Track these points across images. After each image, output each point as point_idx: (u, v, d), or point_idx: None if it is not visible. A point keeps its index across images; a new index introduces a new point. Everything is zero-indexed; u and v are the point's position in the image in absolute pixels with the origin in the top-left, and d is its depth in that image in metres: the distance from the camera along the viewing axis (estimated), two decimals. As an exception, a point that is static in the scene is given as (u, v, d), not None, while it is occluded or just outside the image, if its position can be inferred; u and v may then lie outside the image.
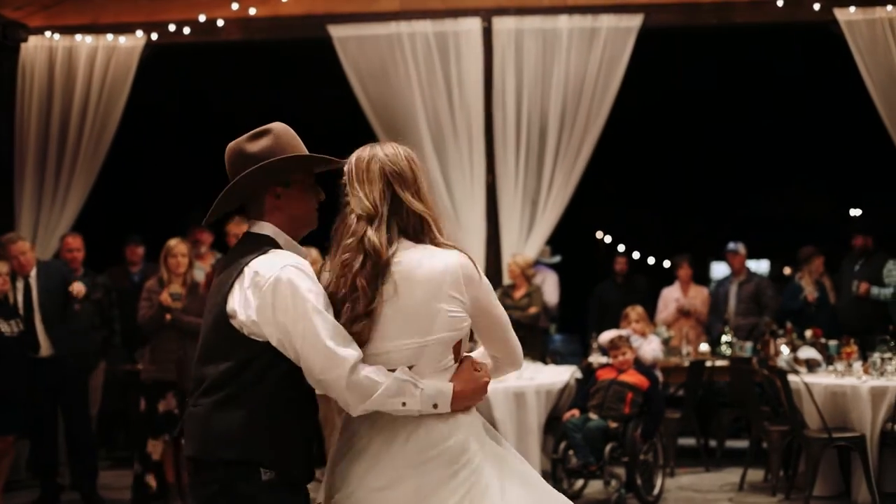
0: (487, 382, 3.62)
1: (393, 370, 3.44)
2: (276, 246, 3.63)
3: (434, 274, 3.49)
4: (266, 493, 3.45)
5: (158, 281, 9.53)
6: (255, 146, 3.67)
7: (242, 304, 3.48)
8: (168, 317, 9.31)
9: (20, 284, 9.72)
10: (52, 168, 12.32)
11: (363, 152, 3.64)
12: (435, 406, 3.47)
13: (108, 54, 12.34)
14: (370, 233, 3.50)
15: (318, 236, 3.84)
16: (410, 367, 3.47)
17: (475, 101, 12.15)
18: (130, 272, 12.06)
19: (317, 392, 3.55)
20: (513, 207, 12.19)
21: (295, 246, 3.70)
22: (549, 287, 12.84)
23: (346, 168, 3.65)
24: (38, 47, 12.38)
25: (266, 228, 3.68)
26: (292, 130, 3.75)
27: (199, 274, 10.33)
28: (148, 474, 9.39)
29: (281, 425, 3.50)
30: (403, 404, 3.44)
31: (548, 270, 13.11)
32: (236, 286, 3.52)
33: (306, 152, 3.72)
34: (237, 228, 10.13)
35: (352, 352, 3.40)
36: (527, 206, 12.22)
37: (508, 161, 12.18)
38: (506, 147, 12.16)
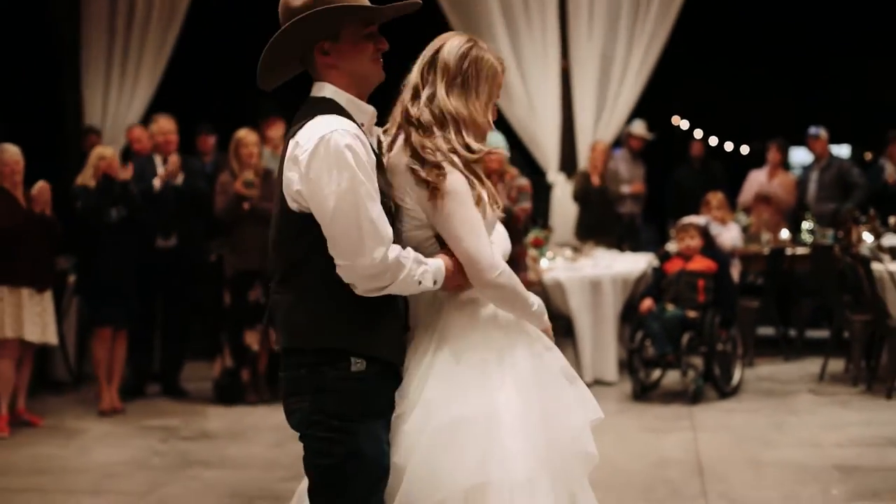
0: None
1: None
2: (335, 108, 3.39)
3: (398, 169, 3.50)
4: (354, 381, 3.35)
5: (230, 173, 9.47)
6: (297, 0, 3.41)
7: (290, 179, 3.33)
8: (246, 206, 9.26)
9: (159, 167, 9.74)
10: (118, 59, 12.27)
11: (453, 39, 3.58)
12: (435, 283, 3.38)
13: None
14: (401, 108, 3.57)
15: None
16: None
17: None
18: (203, 163, 11.98)
19: None
20: (587, 93, 11.97)
21: (358, 105, 3.47)
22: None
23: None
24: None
25: (325, 90, 3.44)
26: None
27: (273, 164, 10.23)
28: (242, 369, 9.41)
29: (370, 310, 3.36)
30: (419, 283, 3.35)
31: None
32: (287, 161, 3.35)
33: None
34: None
35: (389, 230, 3.29)
36: (601, 91, 11.99)
37: (581, 45, 11.92)
38: (579, 31, 11.89)
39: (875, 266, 9.15)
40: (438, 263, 3.41)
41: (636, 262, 10.50)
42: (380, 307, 3.38)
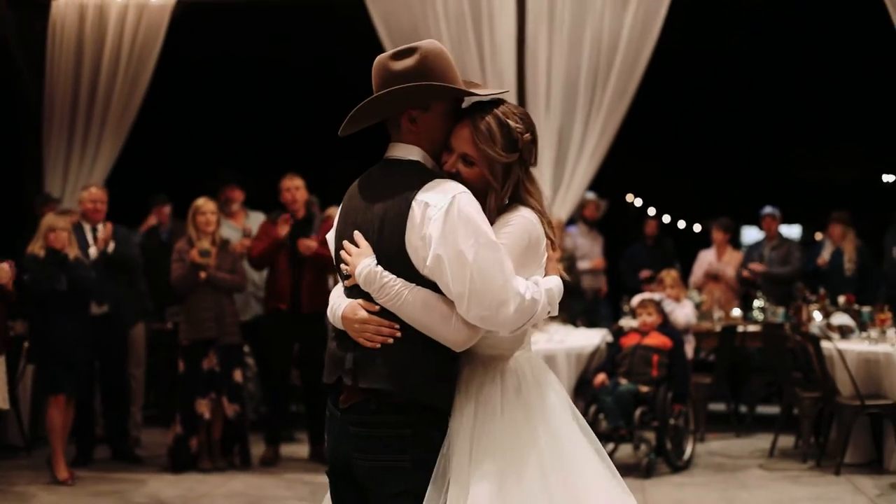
0: None
1: None
2: (427, 171, 3.53)
3: None
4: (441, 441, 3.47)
5: (187, 241, 9.48)
6: (399, 65, 3.55)
7: (419, 240, 3.39)
8: (203, 275, 9.28)
9: (88, 235, 9.72)
10: (81, 127, 12.29)
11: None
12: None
13: (139, 12, 12.28)
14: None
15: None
16: None
17: (507, 62, 12.03)
18: (159, 231, 12.02)
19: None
20: (543, 170, 12.10)
21: (440, 172, 3.58)
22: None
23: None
24: (69, 5, 12.32)
25: (414, 153, 3.58)
26: (445, 52, 3.60)
27: (230, 232, 10.28)
28: (192, 437, 9.37)
29: (453, 373, 3.54)
30: (549, 313, 3.52)
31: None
32: (409, 224, 3.40)
33: (455, 76, 3.59)
34: (291, 182, 9.94)
35: (521, 280, 3.40)
36: (558, 168, 12.12)
37: (539, 123, 12.06)
38: (537, 109, 12.05)
39: (824, 344, 9.29)
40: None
41: (590, 337, 10.60)
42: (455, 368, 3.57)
